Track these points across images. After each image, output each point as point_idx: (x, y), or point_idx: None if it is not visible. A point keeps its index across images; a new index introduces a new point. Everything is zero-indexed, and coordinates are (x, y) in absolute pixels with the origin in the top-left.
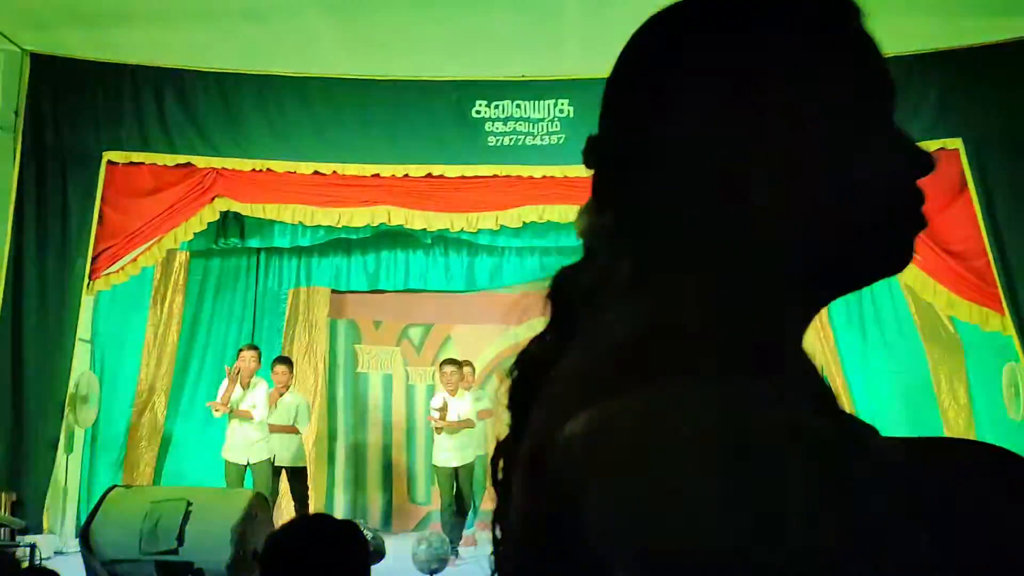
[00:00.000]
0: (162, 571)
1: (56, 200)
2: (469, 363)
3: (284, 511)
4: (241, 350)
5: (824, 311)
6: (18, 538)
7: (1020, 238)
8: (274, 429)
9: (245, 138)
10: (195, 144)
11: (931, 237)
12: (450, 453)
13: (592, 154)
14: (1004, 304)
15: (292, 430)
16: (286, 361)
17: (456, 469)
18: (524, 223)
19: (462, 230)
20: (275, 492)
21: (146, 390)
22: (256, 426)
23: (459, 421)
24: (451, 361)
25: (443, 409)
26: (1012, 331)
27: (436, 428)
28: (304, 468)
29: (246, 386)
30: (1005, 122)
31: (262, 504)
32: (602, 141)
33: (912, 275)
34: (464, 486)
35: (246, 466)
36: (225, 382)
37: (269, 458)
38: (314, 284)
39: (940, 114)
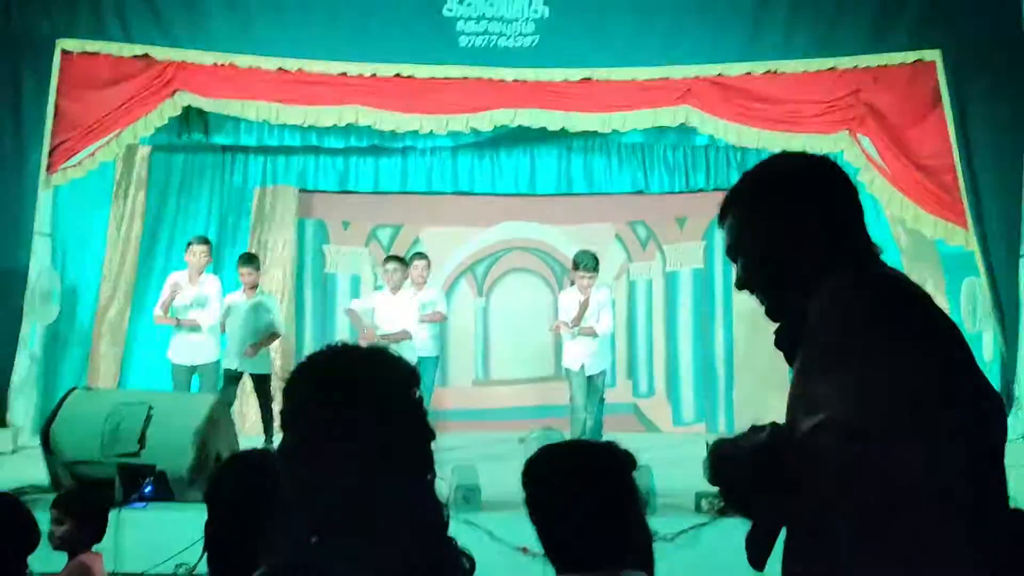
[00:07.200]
0: (124, 473)
1: (7, 89)
2: (424, 256)
3: (247, 418)
4: (191, 243)
5: None
6: None
7: (989, 153)
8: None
9: (206, 31)
10: (153, 35)
11: (902, 151)
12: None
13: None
14: (968, 219)
15: (273, 339)
16: (252, 260)
17: None
18: (496, 126)
19: (432, 132)
20: (230, 398)
21: (109, 287)
22: (205, 327)
23: (394, 334)
24: (393, 258)
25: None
26: (975, 246)
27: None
28: (268, 375)
29: (195, 282)
30: (984, 34)
31: (223, 410)
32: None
33: (880, 188)
34: None
35: (193, 368)
36: (165, 288)
37: (217, 360)
38: (281, 183)
39: (919, 24)
